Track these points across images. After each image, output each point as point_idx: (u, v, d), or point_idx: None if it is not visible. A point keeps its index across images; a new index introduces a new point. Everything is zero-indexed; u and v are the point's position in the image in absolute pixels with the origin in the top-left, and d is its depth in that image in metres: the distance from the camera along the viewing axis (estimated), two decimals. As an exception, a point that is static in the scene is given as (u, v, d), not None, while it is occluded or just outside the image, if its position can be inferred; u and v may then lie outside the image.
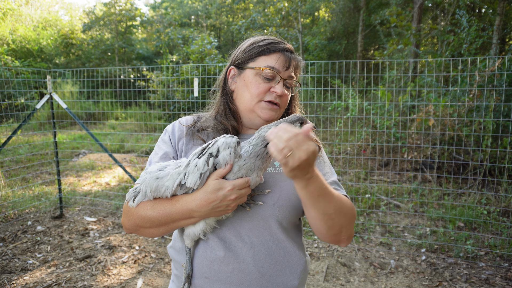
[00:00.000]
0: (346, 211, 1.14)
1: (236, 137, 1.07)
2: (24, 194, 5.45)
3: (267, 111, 1.25)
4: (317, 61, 4.96)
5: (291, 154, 0.94)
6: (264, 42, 1.27)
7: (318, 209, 1.08)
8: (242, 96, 1.28)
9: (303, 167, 0.96)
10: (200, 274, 1.18)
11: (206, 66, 6.50)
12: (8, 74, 10.44)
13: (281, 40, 1.30)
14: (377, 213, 4.97)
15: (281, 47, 1.26)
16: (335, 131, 7.58)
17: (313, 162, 0.99)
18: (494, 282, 3.38)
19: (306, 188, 1.04)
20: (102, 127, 10.37)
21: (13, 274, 3.42)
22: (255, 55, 1.26)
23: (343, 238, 1.17)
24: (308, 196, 1.06)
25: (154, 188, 1.11)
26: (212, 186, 1.05)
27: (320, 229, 1.14)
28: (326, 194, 1.08)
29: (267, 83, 1.24)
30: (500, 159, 5.22)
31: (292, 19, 14.65)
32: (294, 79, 1.29)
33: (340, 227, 1.14)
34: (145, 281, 3.39)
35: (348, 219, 1.16)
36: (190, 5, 24.97)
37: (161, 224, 1.14)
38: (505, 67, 4.82)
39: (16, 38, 15.67)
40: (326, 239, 1.19)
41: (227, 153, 1.04)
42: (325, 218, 1.10)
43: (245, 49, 1.30)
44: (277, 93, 1.23)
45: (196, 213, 1.08)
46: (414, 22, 8.79)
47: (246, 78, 1.27)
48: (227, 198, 1.05)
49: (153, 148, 1.38)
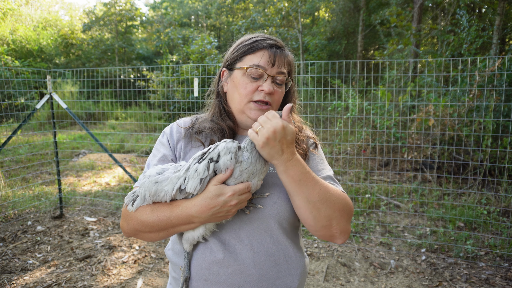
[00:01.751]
0: (333, 200, 1.11)
1: (237, 142, 1.06)
2: (24, 194, 5.45)
3: (255, 112, 1.21)
4: (317, 61, 4.96)
5: (259, 129, 1.02)
6: (250, 40, 1.24)
7: (301, 197, 1.08)
8: (233, 98, 1.27)
9: (272, 142, 1.01)
10: (199, 277, 1.17)
11: (206, 66, 6.50)
12: (8, 74, 10.45)
13: (269, 36, 1.26)
14: (377, 213, 4.97)
15: (266, 44, 1.22)
16: (335, 131, 7.58)
17: (287, 139, 1.04)
18: (494, 282, 3.38)
19: (287, 171, 1.06)
20: (102, 127, 10.37)
21: (13, 274, 3.42)
22: (241, 54, 1.24)
23: (335, 232, 1.13)
24: (290, 180, 1.07)
25: (153, 192, 1.10)
26: (212, 191, 1.03)
27: (307, 219, 1.11)
28: (308, 179, 1.08)
29: (255, 82, 1.21)
30: (500, 159, 5.22)
31: (292, 19, 14.65)
32: (284, 75, 1.24)
33: (328, 218, 1.10)
34: (145, 281, 3.39)
35: (338, 210, 1.11)
36: (190, 5, 24.97)
37: (161, 229, 1.13)
38: (505, 67, 4.82)
39: (16, 38, 15.66)
40: (317, 233, 1.15)
41: (227, 158, 1.03)
42: (309, 206, 1.08)
43: (233, 49, 1.28)
44: (265, 91, 1.19)
45: (196, 218, 1.07)
46: (414, 22, 8.78)
47: (235, 79, 1.24)
48: (228, 204, 1.03)
49: (153, 148, 1.37)
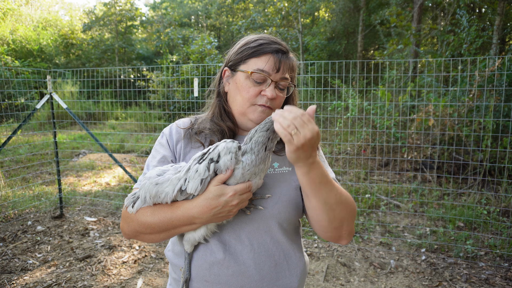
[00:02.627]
0: (347, 203, 1.13)
1: (237, 142, 1.05)
2: (24, 194, 5.45)
3: (258, 114, 1.21)
4: (317, 61, 4.96)
5: (296, 132, 0.94)
6: (255, 43, 1.22)
7: (320, 198, 1.07)
8: (235, 99, 1.26)
9: (307, 147, 0.97)
10: (200, 278, 1.16)
11: (206, 66, 6.51)
12: (8, 74, 10.45)
13: (275, 40, 1.24)
14: (377, 213, 4.97)
15: (272, 48, 1.21)
16: (335, 131, 7.58)
17: (317, 144, 1.00)
18: (494, 282, 3.38)
19: (309, 174, 1.04)
20: (102, 127, 10.36)
21: (13, 274, 3.42)
22: (245, 57, 1.22)
23: (344, 233, 1.16)
24: (310, 182, 1.05)
25: (153, 194, 1.10)
26: (213, 192, 1.03)
27: (322, 221, 1.12)
28: (328, 182, 1.07)
29: (258, 87, 1.20)
30: (500, 159, 5.22)
31: (292, 19, 14.65)
32: (287, 80, 1.24)
33: (341, 220, 1.12)
34: (145, 281, 3.39)
35: (349, 212, 1.14)
36: (190, 5, 24.98)
37: (162, 231, 1.13)
38: (505, 67, 4.82)
39: (16, 38, 15.66)
40: (327, 234, 1.16)
41: (228, 158, 1.03)
42: (326, 208, 1.09)
43: (237, 50, 1.26)
44: (268, 97, 1.19)
45: (197, 219, 1.07)
46: (414, 22, 8.78)
47: (237, 81, 1.23)
48: (229, 204, 1.03)
49: (152, 149, 1.37)
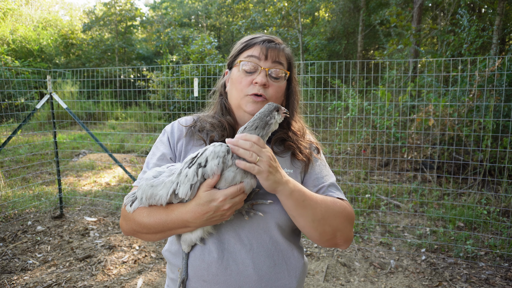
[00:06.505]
0: (336, 213, 1.14)
1: (225, 145, 1.03)
2: (24, 194, 5.45)
3: (250, 104, 1.24)
4: (317, 61, 4.96)
5: (259, 158, 1.01)
6: (246, 39, 1.30)
7: (306, 217, 1.10)
8: (231, 94, 1.31)
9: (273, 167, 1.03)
10: (198, 277, 1.16)
11: (206, 66, 6.51)
12: (8, 74, 10.45)
13: (266, 35, 1.30)
14: (377, 213, 4.97)
15: (261, 40, 1.26)
16: (335, 131, 7.58)
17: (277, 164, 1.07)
18: (494, 282, 3.38)
19: (292, 196, 1.07)
20: (102, 127, 10.36)
21: (13, 274, 3.42)
22: (237, 52, 1.30)
23: (339, 241, 1.17)
24: (295, 204, 1.08)
25: (149, 195, 1.11)
26: (203, 198, 1.03)
27: (312, 236, 1.15)
28: (310, 198, 1.10)
29: (250, 76, 1.25)
30: (500, 159, 5.22)
31: (292, 19, 14.65)
32: (279, 66, 1.25)
33: (333, 231, 1.14)
34: (145, 281, 3.39)
35: (342, 221, 1.15)
36: (190, 5, 24.98)
37: (157, 231, 1.14)
38: (505, 67, 4.82)
39: (16, 38, 15.66)
40: (322, 244, 1.20)
41: (214, 163, 1.01)
42: (314, 224, 1.11)
43: (232, 50, 1.35)
44: (258, 83, 1.22)
45: (191, 223, 1.07)
46: (414, 22, 8.78)
47: (232, 76, 1.30)
48: (221, 209, 1.03)
49: (153, 146, 1.38)
